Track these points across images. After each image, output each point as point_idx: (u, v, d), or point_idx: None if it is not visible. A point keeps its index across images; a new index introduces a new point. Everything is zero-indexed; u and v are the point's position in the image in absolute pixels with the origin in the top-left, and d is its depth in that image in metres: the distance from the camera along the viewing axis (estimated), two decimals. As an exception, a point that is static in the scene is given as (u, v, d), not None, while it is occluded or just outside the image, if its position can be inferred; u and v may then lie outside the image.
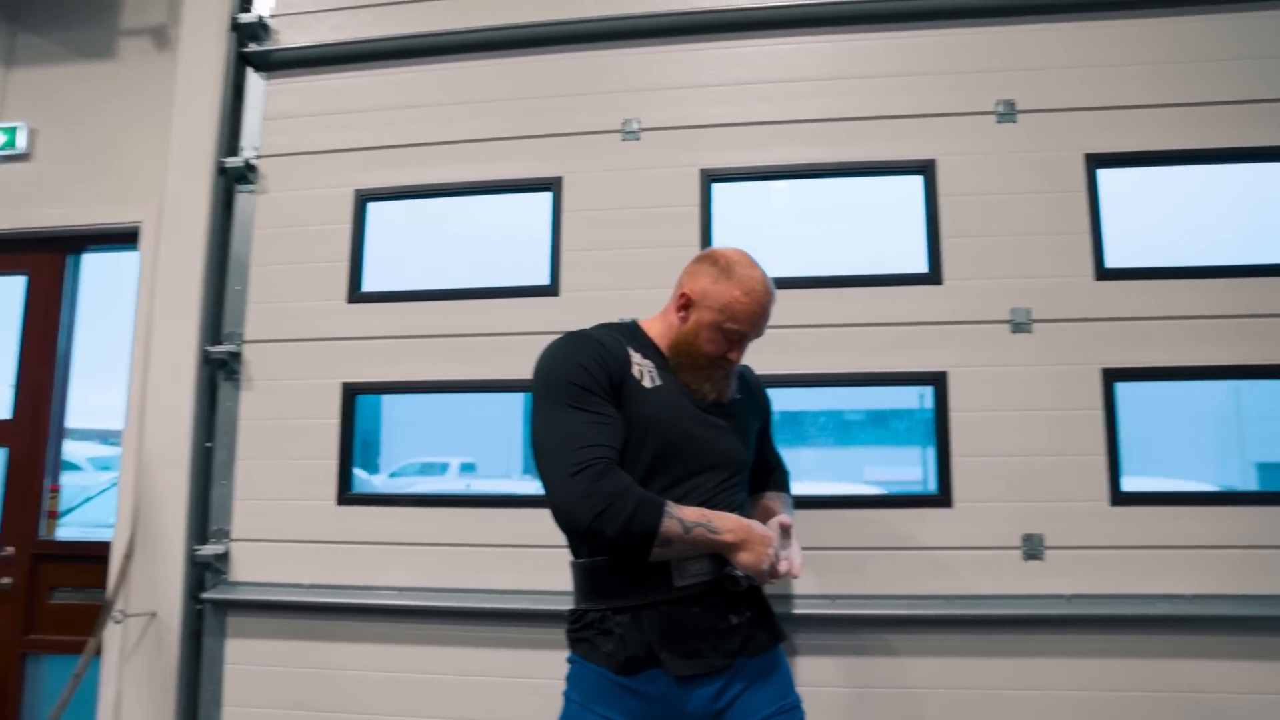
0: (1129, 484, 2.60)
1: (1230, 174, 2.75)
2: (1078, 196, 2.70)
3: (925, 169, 2.76)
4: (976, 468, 2.63)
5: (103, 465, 5.13)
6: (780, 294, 2.78)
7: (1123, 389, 2.64)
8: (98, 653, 2.91)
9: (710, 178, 2.82)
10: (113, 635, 2.90)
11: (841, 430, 3.42)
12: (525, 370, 2.75)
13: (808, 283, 2.74)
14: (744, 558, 1.72)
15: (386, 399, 3.16)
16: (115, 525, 3.04)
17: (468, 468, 4.38)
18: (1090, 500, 2.58)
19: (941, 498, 2.63)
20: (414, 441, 4.07)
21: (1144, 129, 2.72)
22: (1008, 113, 2.76)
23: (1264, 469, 3.16)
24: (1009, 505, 2.60)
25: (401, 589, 2.76)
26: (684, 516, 1.69)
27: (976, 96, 2.78)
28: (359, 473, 3.00)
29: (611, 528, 1.63)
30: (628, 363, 1.83)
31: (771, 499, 2.15)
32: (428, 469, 4.67)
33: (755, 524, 1.75)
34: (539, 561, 2.70)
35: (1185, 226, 2.75)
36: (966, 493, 2.62)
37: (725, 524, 1.72)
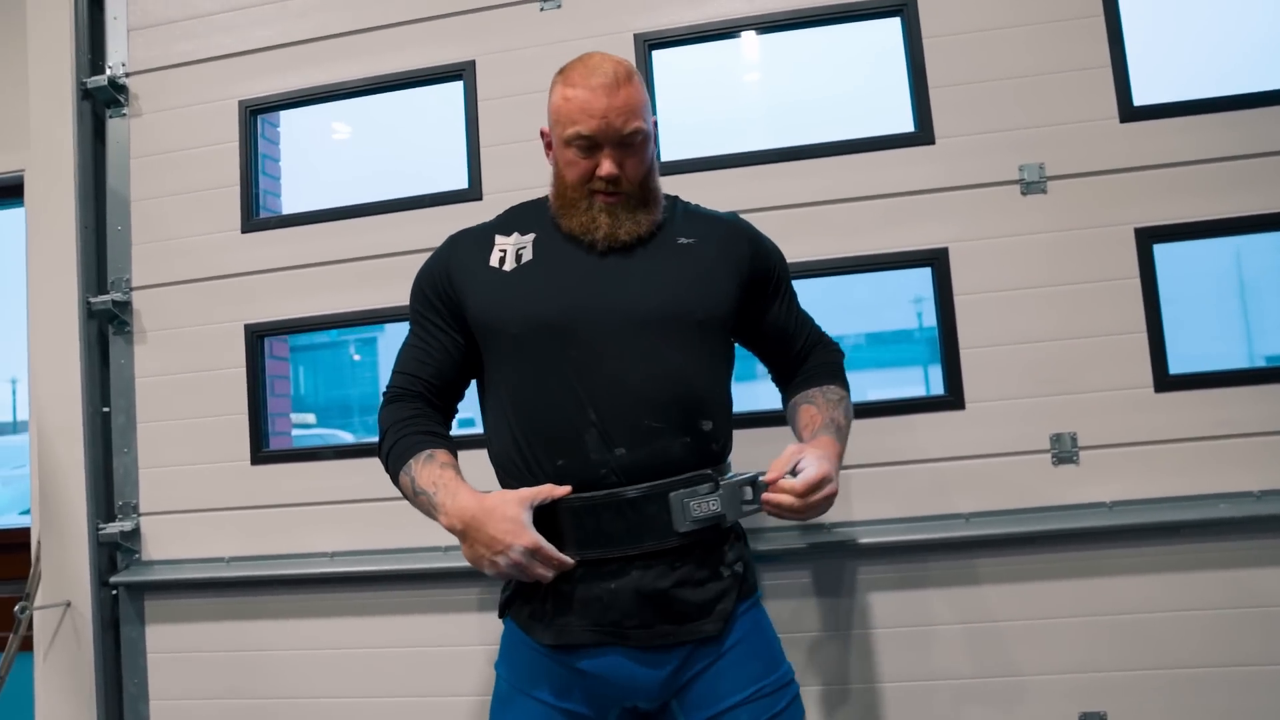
0: (1175, 365, 2.09)
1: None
2: (1094, 22, 2.14)
3: (904, 8, 2.20)
4: (990, 360, 2.10)
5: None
6: (742, 173, 2.24)
7: (1162, 251, 2.11)
8: (27, 649, 2.52)
9: (647, 43, 2.25)
10: (41, 630, 2.49)
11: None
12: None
13: (773, 156, 2.19)
14: (464, 552, 1.35)
15: (381, 352, 2.72)
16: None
17: (466, 423, 3.90)
18: (1130, 388, 2.04)
19: (951, 399, 2.11)
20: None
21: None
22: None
23: None
24: (1033, 401, 2.08)
25: (333, 554, 2.29)
26: (417, 476, 1.39)
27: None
28: (339, 434, 2.55)
29: (382, 462, 1.48)
30: (481, 255, 1.50)
31: (810, 405, 1.56)
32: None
33: (501, 507, 1.30)
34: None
35: (1224, 47, 2.18)
36: (981, 391, 2.10)
37: (451, 502, 1.34)
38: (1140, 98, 2.10)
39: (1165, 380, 2.04)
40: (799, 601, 2.13)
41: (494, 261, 1.47)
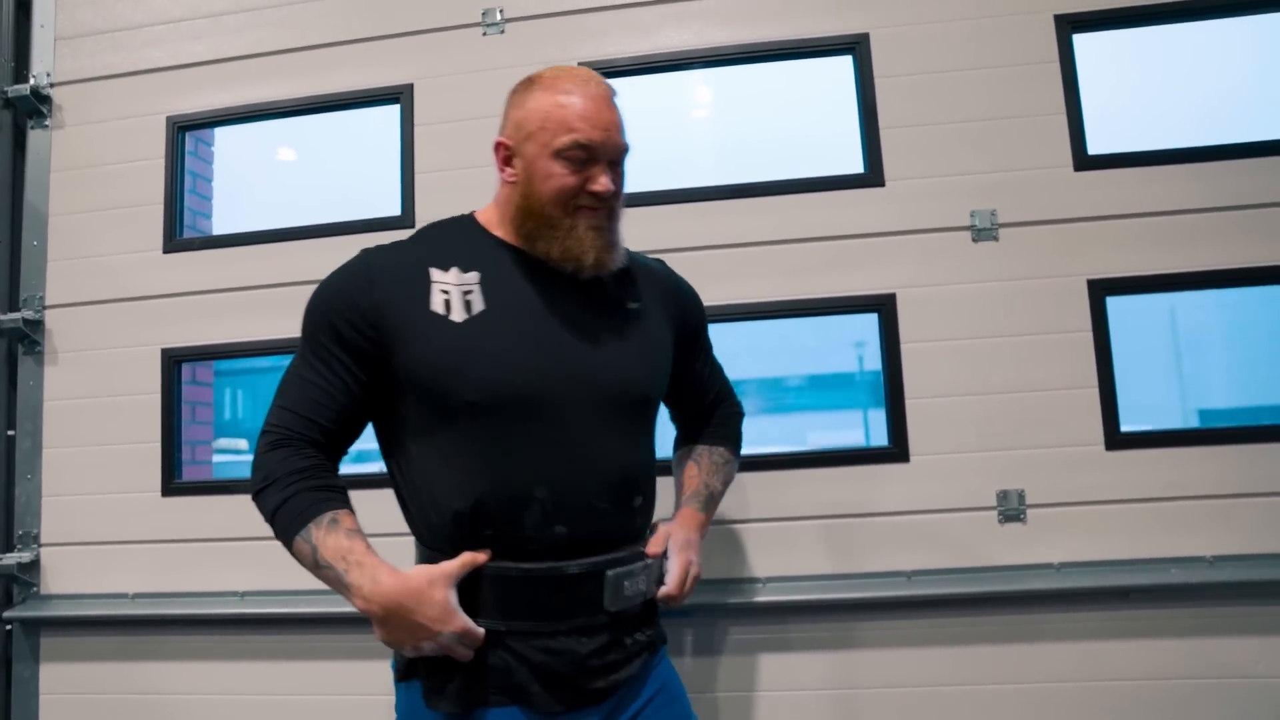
0: (1127, 423, 1.99)
1: (1235, 29, 2.11)
2: (1049, 69, 2.06)
3: (857, 45, 2.10)
4: (937, 411, 1.98)
5: None
6: (687, 209, 2.14)
7: (1115, 304, 2.02)
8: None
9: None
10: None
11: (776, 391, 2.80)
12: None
13: (718, 193, 2.08)
14: (379, 635, 1.21)
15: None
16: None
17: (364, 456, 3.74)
18: (1080, 445, 1.94)
19: (895, 451, 1.99)
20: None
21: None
22: (959, -32, 2.11)
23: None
24: (979, 456, 1.97)
25: (243, 593, 2.13)
26: (320, 546, 1.20)
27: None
28: None
29: (263, 516, 1.26)
30: (414, 293, 1.26)
31: (694, 463, 1.54)
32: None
33: (427, 590, 1.18)
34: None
35: (1183, 99, 2.11)
36: (926, 443, 1.98)
37: (371, 585, 1.17)
38: (1095, 147, 2.02)
39: (1116, 438, 1.93)
40: (724, 658, 1.99)
41: (436, 306, 1.25)
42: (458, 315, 1.25)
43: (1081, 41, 2.06)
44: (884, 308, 2.02)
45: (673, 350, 1.44)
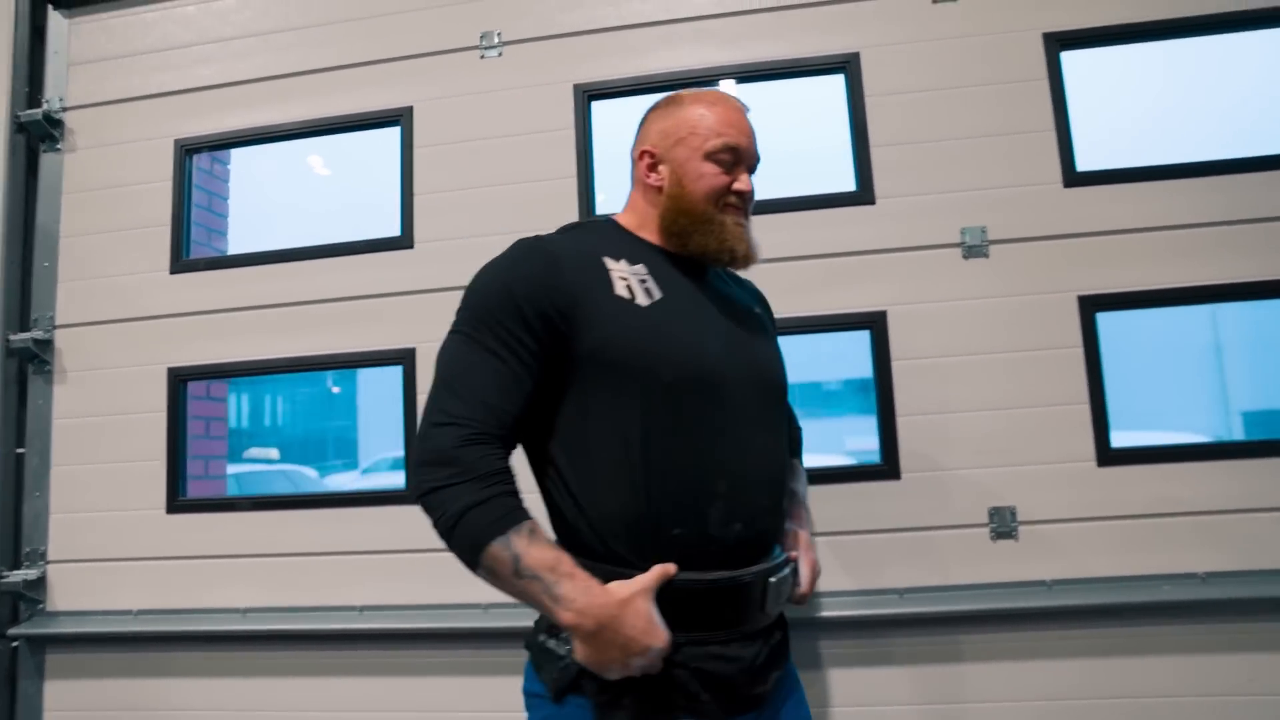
0: (1119, 439, 1.99)
1: (1218, 46, 2.12)
2: (1038, 86, 2.08)
3: (848, 64, 2.14)
4: (928, 429, 2.00)
5: None
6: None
7: (1105, 320, 2.02)
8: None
9: (587, 94, 2.19)
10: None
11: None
12: (377, 339, 2.22)
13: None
14: (585, 654, 1.13)
15: (361, 384, 2.62)
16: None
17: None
18: (1072, 461, 1.95)
19: (886, 468, 2.00)
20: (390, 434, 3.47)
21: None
22: (946, -10, 2.14)
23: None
24: (971, 473, 1.99)
25: (246, 610, 2.17)
26: (524, 554, 1.12)
27: (907, -25, 2.15)
28: (304, 470, 2.43)
29: (437, 515, 1.14)
30: (596, 279, 1.26)
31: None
32: (399, 464, 4.07)
33: (634, 602, 1.13)
34: (413, 568, 2.10)
35: (1170, 115, 2.12)
36: (917, 460, 1.99)
37: (584, 598, 1.11)
38: (1084, 163, 2.03)
39: (1107, 454, 1.93)
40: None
41: (621, 291, 1.26)
42: (642, 300, 1.26)
43: (1070, 59, 2.08)
44: (875, 325, 2.04)
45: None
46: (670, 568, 1.17)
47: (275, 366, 2.25)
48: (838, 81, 2.15)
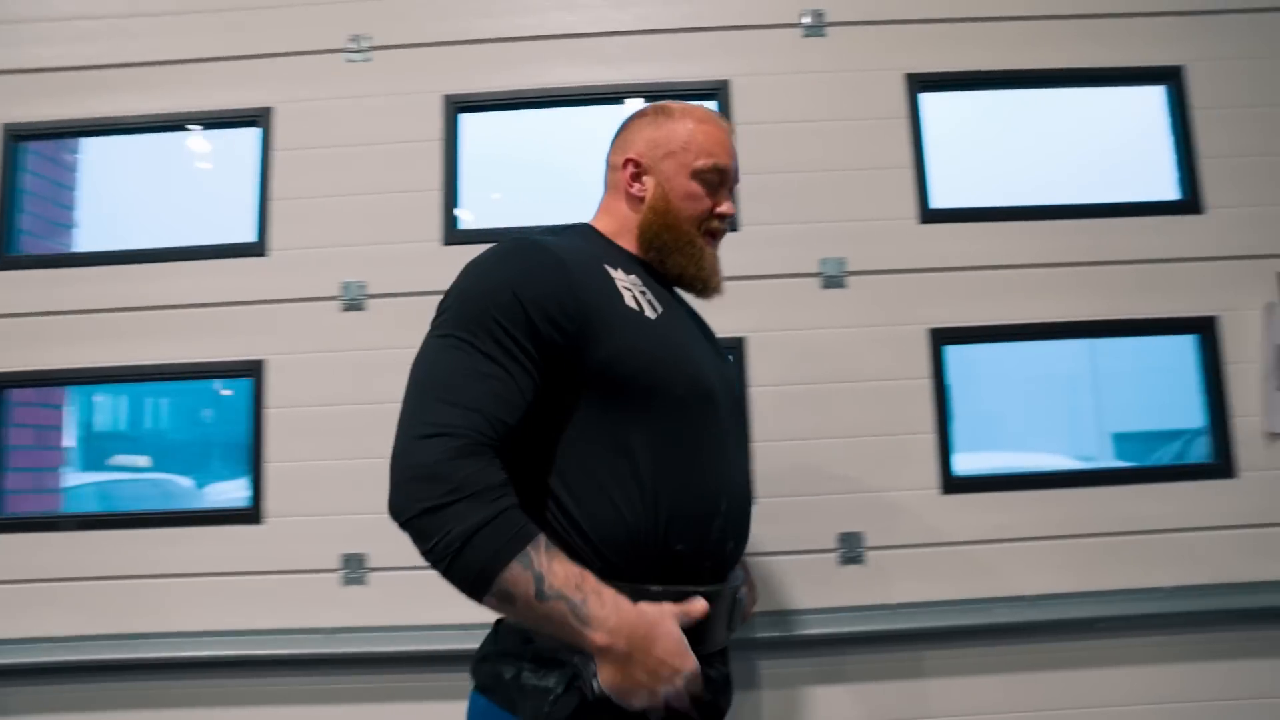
0: (969, 463, 2.08)
1: (1068, 99, 2.25)
2: (898, 124, 2.15)
3: (717, 90, 2.16)
4: (776, 454, 2.05)
5: None
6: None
7: (981, 349, 2.11)
8: None
9: (457, 105, 2.16)
10: None
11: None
12: (223, 350, 2.08)
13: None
14: (612, 679, 1.04)
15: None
16: None
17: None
18: (918, 489, 2.02)
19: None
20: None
21: (972, 45, 2.17)
22: (816, 25, 2.19)
23: (1121, 440, 2.72)
24: (819, 499, 2.04)
25: (60, 639, 2.02)
26: (548, 572, 1.02)
27: (781, 6, 2.19)
28: (178, 480, 2.26)
29: (436, 539, 1.00)
30: (604, 287, 1.18)
31: None
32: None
33: (662, 622, 1.07)
34: (242, 591, 2.00)
35: (1020, 160, 2.23)
36: (767, 487, 2.05)
37: (615, 616, 1.03)
38: (937, 201, 2.11)
39: (950, 482, 2.01)
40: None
41: (630, 303, 1.19)
42: (650, 313, 1.21)
43: (928, 100, 2.16)
44: (734, 351, 2.06)
45: None
46: (699, 603, 1.12)
47: (109, 375, 2.11)
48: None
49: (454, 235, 2.10)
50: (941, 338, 2.06)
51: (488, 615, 1.93)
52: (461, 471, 1.00)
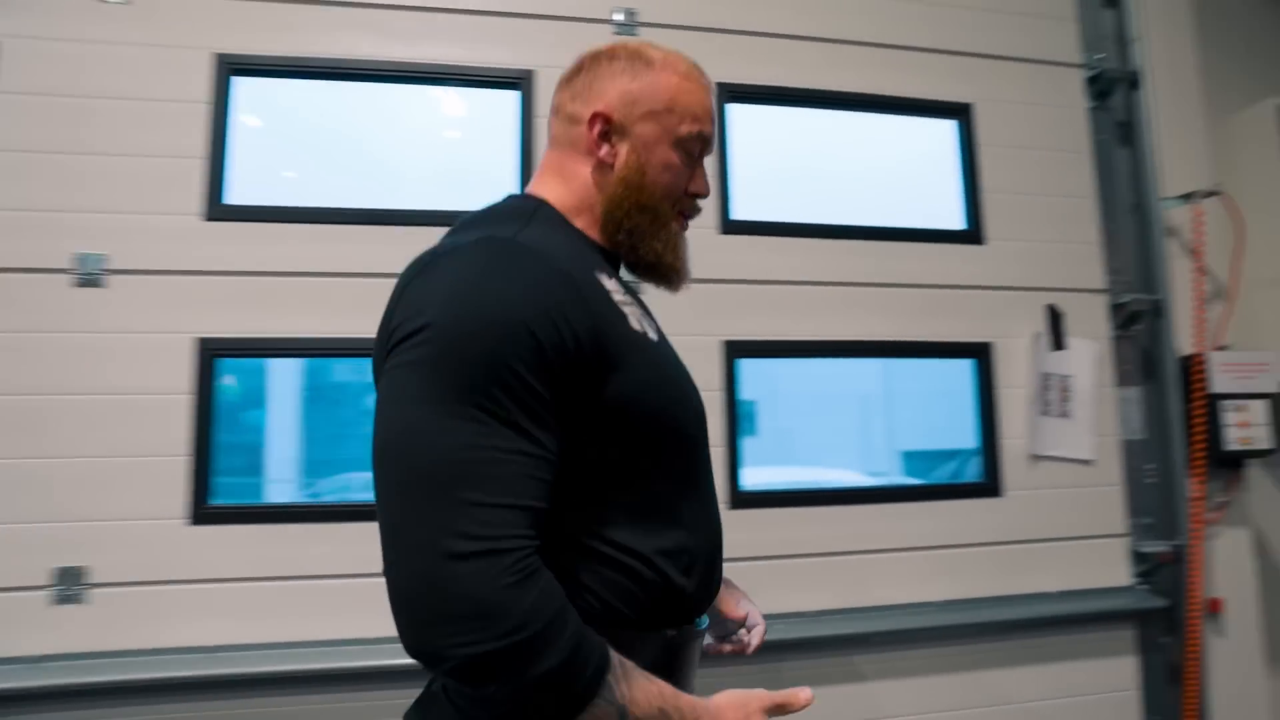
0: (762, 478, 2.06)
1: (865, 124, 2.31)
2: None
3: (521, 81, 2.04)
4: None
5: None
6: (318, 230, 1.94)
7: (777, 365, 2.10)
8: None
9: (230, 66, 1.93)
10: None
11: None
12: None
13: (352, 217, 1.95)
14: None
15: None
16: None
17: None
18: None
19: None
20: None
21: (774, 61, 2.17)
22: (628, 24, 2.11)
23: (909, 458, 2.83)
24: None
25: None
26: (630, 701, 0.85)
27: (592, 2, 2.11)
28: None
29: (494, 686, 0.80)
30: (608, 306, 0.96)
31: None
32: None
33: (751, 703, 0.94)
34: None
35: (814, 179, 2.26)
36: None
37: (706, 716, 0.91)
38: (738, 213, 2.10)
39: (737, 498, 1.99)
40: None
41: (635, 325, 0.98)
42: (652, 334, 1.01)
43: (735, 111, 2.15)
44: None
45: None
46: (803, 693, 0.98)
47: None
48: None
49: (218, 210, 1.88)
50: (734, 351, 2.03)
51: (245, 637, 1.74)
52: (525, 601, 0.80)
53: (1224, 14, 2.55)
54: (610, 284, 0.99)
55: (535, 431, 0.85)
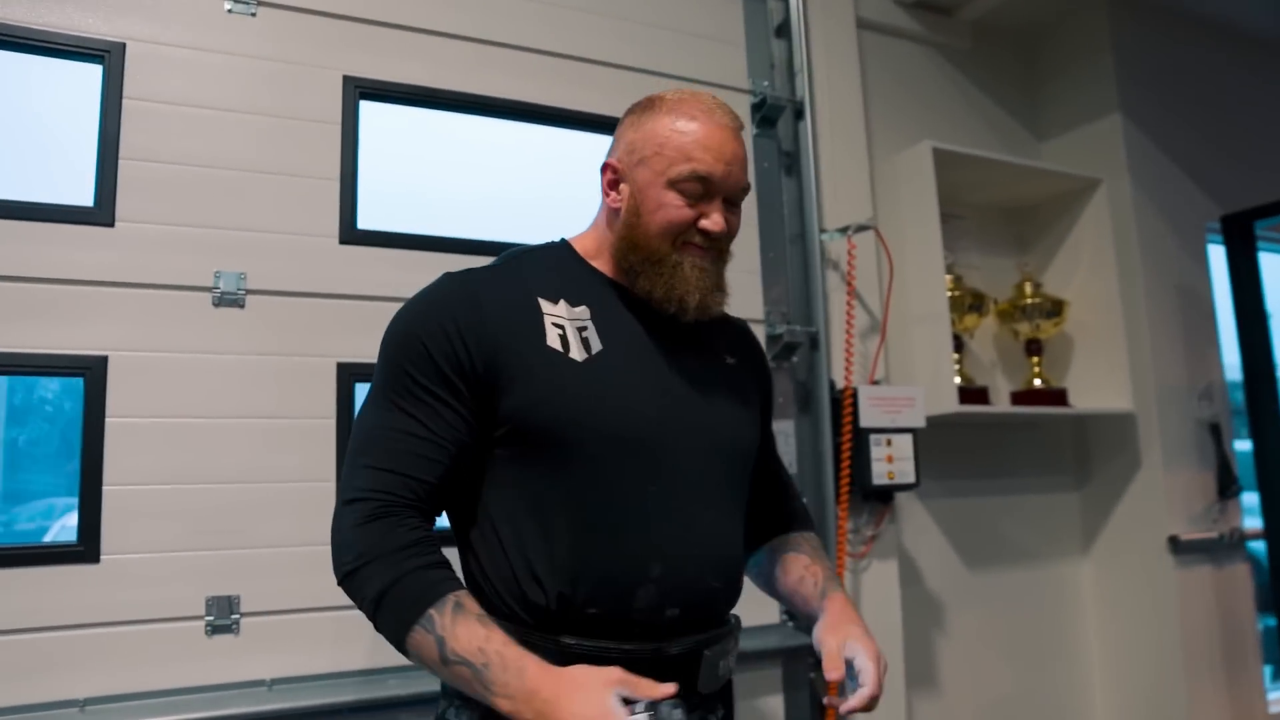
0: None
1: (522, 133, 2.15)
2: (332, 129, 1.89)
3: (106, 55, 1.70)
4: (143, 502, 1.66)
5: None
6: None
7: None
8: None
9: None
10: None
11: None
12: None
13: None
14: None
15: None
16: None
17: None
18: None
19: (82, 549, 1.62)
20: None
21: (412, 57, 1.98)
22: (245, 1, 1.86)
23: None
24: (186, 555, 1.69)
25: None
26: (450, 636, 0.99)
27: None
28: None
29: (358, 601, 1.04)
30: (525, 324, 1.12)
31: (799, 551, 1.33)
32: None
33: (587, 683, 0.97)
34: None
35: (455, 190, 2.08)
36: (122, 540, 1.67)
37: (509, 678, 0.97)
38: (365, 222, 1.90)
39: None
40: None
41: (553, 342, 1.11)
42: (577, 353, 1.12)
43: (369, 110, 1.95)
44: (91, 371, 1.65)
45: (759, 416, 1.34)
46: (666, 688, 0.99)
47: None
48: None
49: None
50: (350, 374, 1.83)
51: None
52: (368, 538, 1.03)
53: (887, 55, 2.63)
54: (558, 308, 1.14)
55: (427, 420, 1.06)
